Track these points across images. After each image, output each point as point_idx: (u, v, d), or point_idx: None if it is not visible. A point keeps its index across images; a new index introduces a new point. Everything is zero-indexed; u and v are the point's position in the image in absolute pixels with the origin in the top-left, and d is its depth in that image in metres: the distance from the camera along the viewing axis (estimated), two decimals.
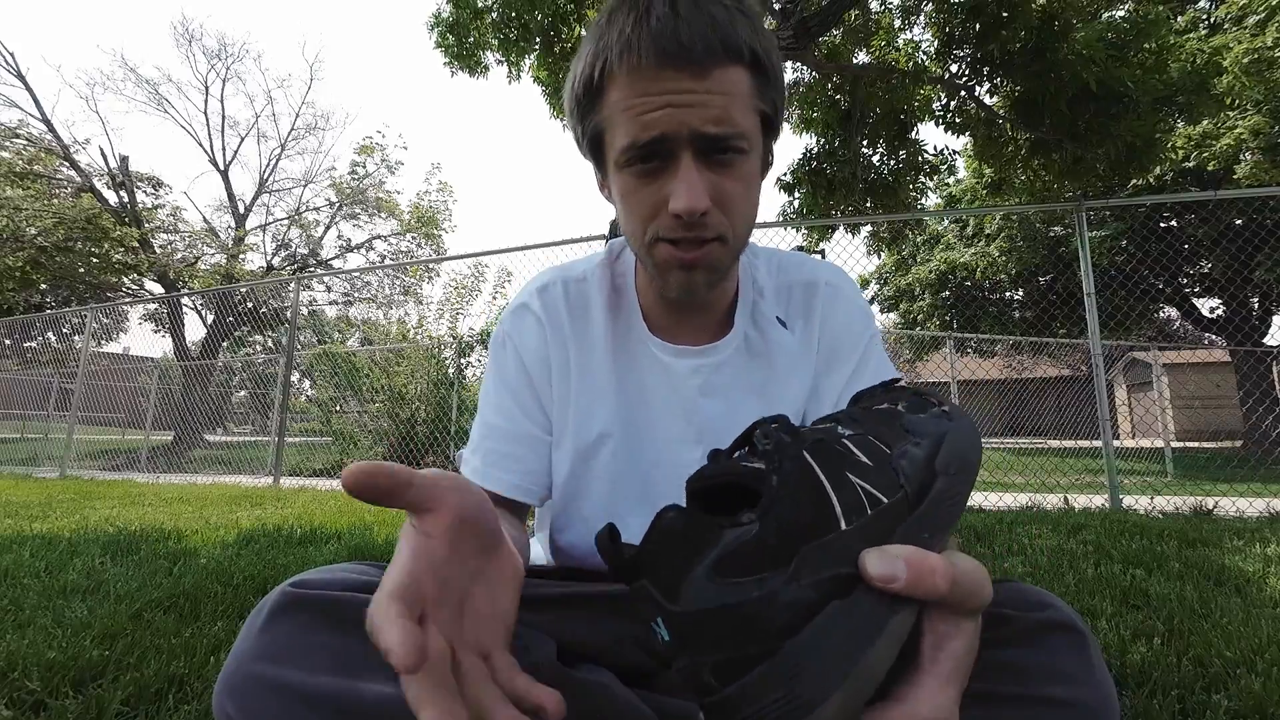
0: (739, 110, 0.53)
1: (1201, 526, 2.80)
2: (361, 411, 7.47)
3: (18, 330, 9.84)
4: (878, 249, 7.29)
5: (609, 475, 0.67)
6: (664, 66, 0.51)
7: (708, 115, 0.51)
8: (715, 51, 0.51)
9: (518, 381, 0.70)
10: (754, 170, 0.57)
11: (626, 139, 0.54)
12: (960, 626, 0.32)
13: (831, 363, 0.69)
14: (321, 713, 0.44)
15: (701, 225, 0.54)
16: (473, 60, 6.10)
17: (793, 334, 0.69)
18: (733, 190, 0.55)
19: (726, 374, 0.67)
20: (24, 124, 13.64)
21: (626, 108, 0.53)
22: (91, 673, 1.17)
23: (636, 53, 0.51)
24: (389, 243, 16.90)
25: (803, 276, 0.72)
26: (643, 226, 0.57)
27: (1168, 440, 7.21)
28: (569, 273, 0.73)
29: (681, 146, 0.53)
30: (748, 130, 0.54)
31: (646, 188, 0.55)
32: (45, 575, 1.94)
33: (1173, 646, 1.29)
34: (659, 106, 0.51)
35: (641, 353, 0.68)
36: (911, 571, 0.29)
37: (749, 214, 0.58)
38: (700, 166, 0.53)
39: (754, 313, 0.69)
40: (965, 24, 5.64)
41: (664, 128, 0.52)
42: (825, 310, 0.70)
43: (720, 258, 0.57)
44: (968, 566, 0.31)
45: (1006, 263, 13.18)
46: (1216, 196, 3.98)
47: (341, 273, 16.94)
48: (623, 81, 0.53)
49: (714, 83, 0.51)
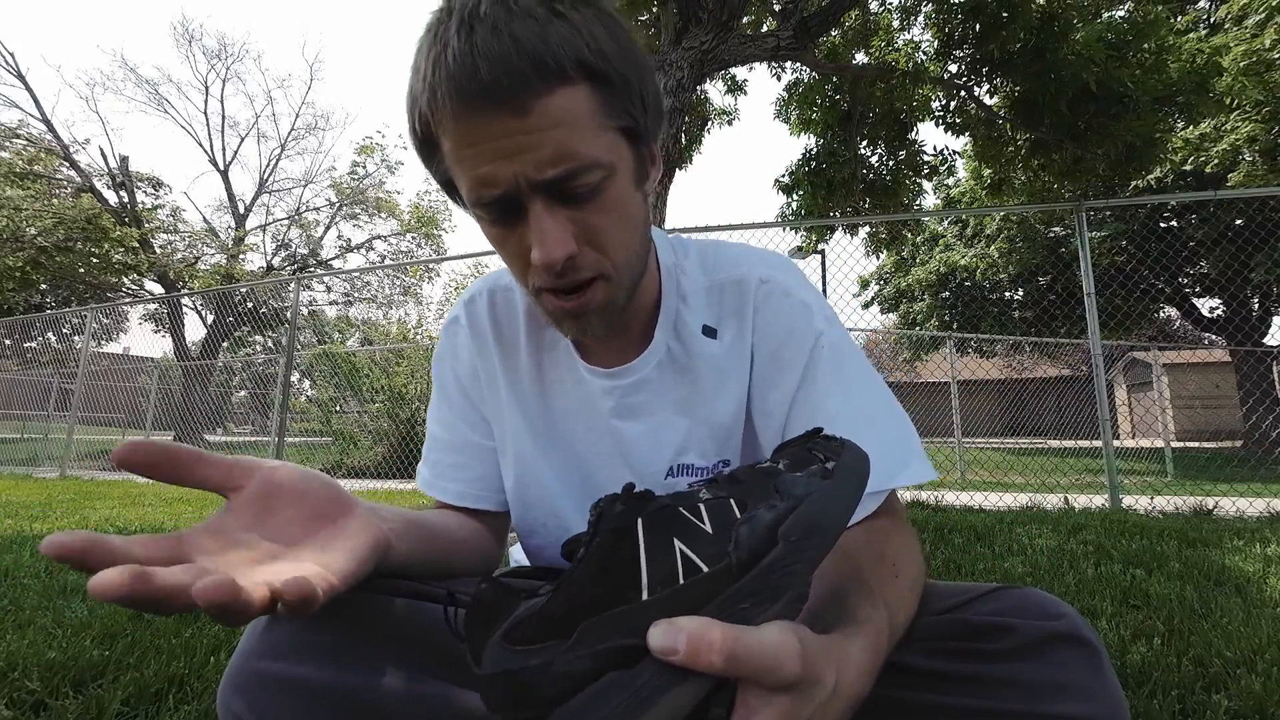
0: (580, 138, 0.46)
1: (1202, 526, 2.80)
2: (361, 411, 7.47)
3: (18, 330, 9.83)
4: (876, 250, 7.29)
5: (551, 483, 0.66)
6: (475, 113, 0.44)
7: (540, 158, 0.45)
8: (526, 82, 0.43)
9: (455, 394, 0.70)
10: (622, 192, 0.51)
11: (471, 195, 0.49)
12: (771, 701, 0.30)
13: (775, 372, 0.61)
14: (329, 706, 0.44)
15: (573, 269, 0.50)
16: None
17: (721, 342, 0.63)
18: (600, 223, 0.49)
19: (647, 392, 0.63)
20: (24, 124, 13.64)
21: (458, 159, 0.47)
22: (92, 673, 1.17)
23: (443, 102, 0.44)
24: (389, 243, 16.91)
25: (734, 274, 0.64)
26: (522, 277, 0.53)
27: (1168, 440, 7.21)
28: (497, 281, 0.71)
29: (525, 195, 0.47)
30: (599, 156, 0.47)
31: (509, 238, 0.50)
32: (45, 575, 1.94)
33: (1173, 646, 1.29)
34: (488, 159, 0.45)
35: (565, 367, 0.66)
36: (690, 644, 0.28)
37: (626, 241, 0.53)
38: (555, 207, 0.47)
39: (676, 323, 0.64)
40: (965, 24, 5.64)
41: (501, 183, 0.46)
42: (760, 311, 0.62)
43: (608, 297, 0.53)
44: (770, 641, 0.30)
45: (1006, 263, 13.18)
46: (1217, 196, 3.99)
47: (341, 273, 16.94)
48: (445, 131, 0.46)
49: (537, 118, 0.44)
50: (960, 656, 0.46)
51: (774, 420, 0.60)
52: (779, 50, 5.05)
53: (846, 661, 0.35)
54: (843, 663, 0.34)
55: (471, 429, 0.69)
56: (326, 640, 0.46)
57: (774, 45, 5.00)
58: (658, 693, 0.28)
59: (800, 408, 0.58)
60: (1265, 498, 3.91)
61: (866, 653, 0.37)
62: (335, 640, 0.46)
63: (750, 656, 0.29)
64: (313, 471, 0.43)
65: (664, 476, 0.63)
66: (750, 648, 0.29)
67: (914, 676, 0.45)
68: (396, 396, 7.08)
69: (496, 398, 0.69)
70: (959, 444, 7.60)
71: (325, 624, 0.47)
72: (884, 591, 0.44)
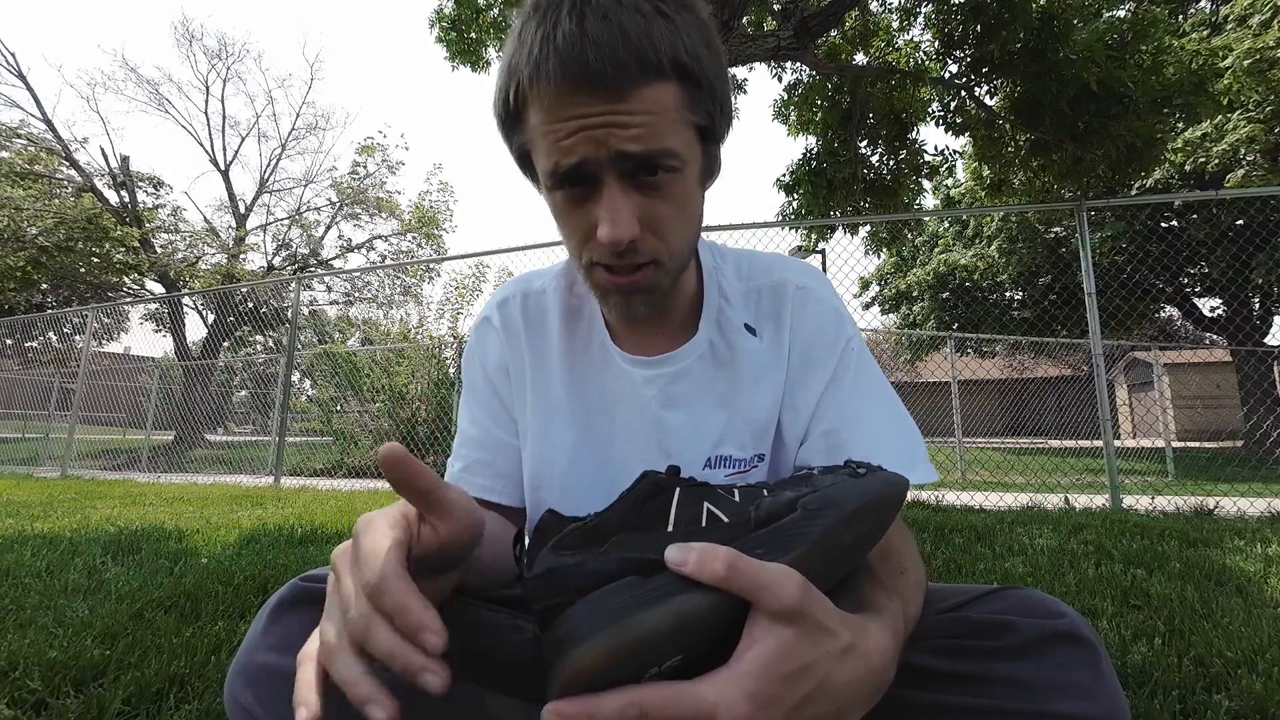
0: (666, 128, 0.49)
1: (1202, 526, 2.79)
2: (362, 411, 7.47)
3: (19, 330, 9.84)
4: (876, 249, 7.29)
5: (573, 484, 0.67)
6: (575, 92, 0.47)
7: (627, 135, 0.48)
8: (629, 72, 0.47)
9: (486, 393, 0.72)
10: (689, 188, 0.54)
11: (549, 163, 0.51)
12: (773, 631, 0.33)
13: (805, 371, 0.65)
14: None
15: (632, 251, 0.52)
16: (474, 56, 6.11)
17: (761, 341, 0.67)
18: (665, 213, 0.52)
19: (688, 383, 0.66)
20: (25, 124, 13.66)
21: (544, 132, 0.50)
22: (92, 672, 1.17)
23: (545, 78, 0.47)
24: (389, 243, 16.91)
25: (771, 279, 0.69)
26: (578, 250, 0.56)
27: (1168, 440, 7.20)
28: (529, 285, 0.74)
29: (604, 170, 0.49)
30: (678, 148, 0.50)
31: (576, 211, 0.53)
32: (46, 575, 1.94)
33: (1173, 646, 1.29)
34: (574, 131, 0.48)
35: (604, 362, 0.68)
36: (698, 557, 0.33)
37: (685, 233, 0.56)
38: (628, 189, 0.50)
39: (719, 319, 0.67)
40: (965, 24, 5.64)
41: (583, 153, 0.49)
42: (796, 314, 0.67)
43: (657, 281, 0.56)
44: (772, 567, 0.34)
45: (1006, 263, 13.17)
46: (1218, 196, 3.98)
47: (342, 273, 16.95)
48: (537, 105, 0.50)
49: (633, 103, 0.48)
50: (961, 655, 0.46)
51: (801, 416, 0.64)
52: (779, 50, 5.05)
53: (864, 631, 0.37)
54: (860, 630, 0.36)
55: (499, 426, 0.71)
56: None
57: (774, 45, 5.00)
58: (666, 596, 0.33)
59: (826, 407, 0.63)
60: (1266, 498, 3.90)
61: (885, 632, 0.38)
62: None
63: (751, 571, 0.33)
64: (475, 511, 0.44)
65: (702, 466, 0.64)
66: (751, 564, 0.33)
67: (915, 674, 0.45)
68: (397, 396, 7.08)
69: (524, 395, 0.70)
70: (959, 444, 7.60)
71: None
72: (894, 585, 0.45)
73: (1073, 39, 5.00)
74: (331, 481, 5.92)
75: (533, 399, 0.69)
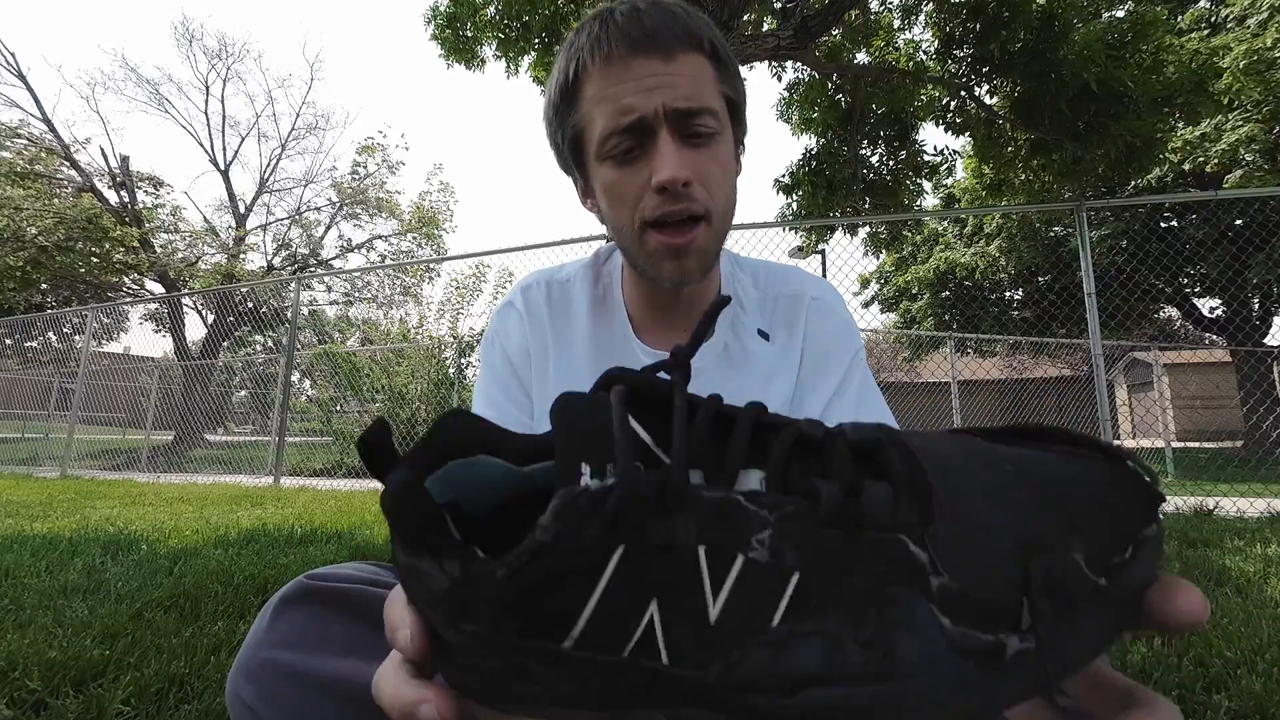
0: (706, 91, 0.57)
1: (1202, 527, 2.79)
2: (362, 411, 7.47)
3: (18, 330, 9.84)
4: (876, 249, 7.29)
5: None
6: (633, 53, 0.55)
7: (678, 93, 0.55)
8: (679, 38, 0.56)
9: (505, 374, 0.73)
10: (727, 150, 0.60)
11: (605, 126, 0.57)
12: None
13: (815, 376, 0.69)
14: (335, 698, 0.45)
15: (687, 197, 0.56)
16: (469, 54, 6.10)
17: (774, 346, 0.70)
18: (710, 168, 0.58)
19: (703, 382, 0.67)
20: (25, 124, 13.63)
21: (602, 99, 0.57)
22: (92, 672, 1.17)
23: (607, 45, 0.55)
24: (389, 243, 16.89)
25: (788, 289, 0.73)
26: (630, 213, 0.59)
27: (1168, 440, 7.20)
28: (555, 274, 0.76)
29: (659, 124, 0.56)
30: (717, 110, 0.58)
31: (629, 172, 0.58)
32: (46, 575, 1.94)
33: (1173, 647, 1.29)
34: (632, 91, 0.55)
35: (625, 354, 0.70)
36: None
37: (729, 195, 0.61)
38: (680, 142, 0.56)
39: (735, 323, 0.70)
40: (965, 24, 5.65)
41: (640, 110, 0.55)
42: (810, 323, 0.71)
43: (707, 242, 0.59)
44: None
45: (1006, 263, 13.17)
46: (1217, 196, 3.98)
47: (342, 273, 16.91)
48: (596, 76, 0.57)
49: (680, 65, 0.56)
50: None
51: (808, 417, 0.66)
52: (779, 50, 5.06)
53: None
54: None
55: (517, 408, 0.72)
56: (337, 631, 0.47)
57: (774, 45, 5.00)
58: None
59: (833, 411, 0.67)
60: (1266, 498, 3.90)
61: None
62: (346, 631, 0.47)
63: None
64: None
65: None
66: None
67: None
68: (397, 396, 7.08)
69: (545, 376, 0.71)
70: None
71: (336, 615, 0.47)
72: None
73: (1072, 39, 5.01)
74: (331, 481, 5.92)
75: (555, 380, 0.70)
